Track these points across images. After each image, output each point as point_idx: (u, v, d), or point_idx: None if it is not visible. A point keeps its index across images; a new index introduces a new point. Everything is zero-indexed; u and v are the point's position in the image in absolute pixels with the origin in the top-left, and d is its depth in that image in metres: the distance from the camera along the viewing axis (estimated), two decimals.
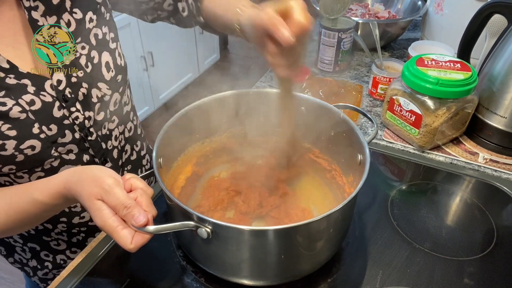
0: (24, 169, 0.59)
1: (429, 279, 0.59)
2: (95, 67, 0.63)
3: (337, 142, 0.66)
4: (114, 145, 0.72)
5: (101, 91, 0.65)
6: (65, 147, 0.62)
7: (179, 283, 0.59)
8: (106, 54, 0.65)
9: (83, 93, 0.62)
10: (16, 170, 0.59)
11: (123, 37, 2.37)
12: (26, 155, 0.57)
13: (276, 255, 0.52)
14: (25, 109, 0.56)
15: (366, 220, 0.69)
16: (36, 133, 0.57)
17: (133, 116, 0.78)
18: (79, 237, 0.73)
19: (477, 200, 0.73)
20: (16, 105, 0.55)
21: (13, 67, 0.55)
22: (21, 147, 0.56)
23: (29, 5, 0.56)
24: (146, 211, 0.47)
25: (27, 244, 0.74)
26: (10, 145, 0.55)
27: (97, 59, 0.64)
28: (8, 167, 0.58)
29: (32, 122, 0.57)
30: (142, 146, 0.83)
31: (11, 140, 0.55)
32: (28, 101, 0.56)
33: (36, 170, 0.61)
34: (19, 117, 0.55)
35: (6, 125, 0.55)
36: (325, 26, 1.04)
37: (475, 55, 0.91)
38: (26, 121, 0.56)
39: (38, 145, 0.58)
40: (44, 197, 0.52)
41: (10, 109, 0.54)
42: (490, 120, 0.81)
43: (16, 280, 1.74)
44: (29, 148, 0.57)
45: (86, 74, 0.62)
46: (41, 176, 0.62)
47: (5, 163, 0.57)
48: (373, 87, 0.98)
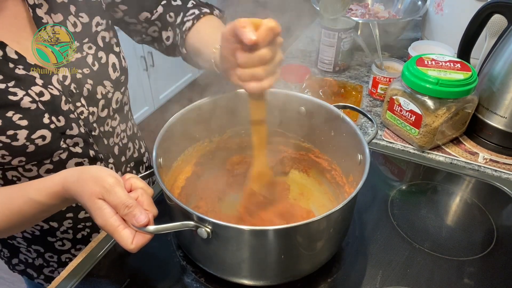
0: (33, 161, 0.60)
1: (429, 279, 0.59)
2: (102, 66, 0.65)
3: (337, 142, 0.66)
4: (115, 142, 0.73)
5: (105, 89, 0.66)
6: (72, 139, 0.63)
7: (179, 283, 0.59)
8: (112, 56, 0.67)
9: (87, 89, 0.63)
10: (25, 162, 0.59)
11: (123, 37, 2.35)
12: (37, 145, 0.58)
13: (276, 255, 0.52)
14: (35, 100, 0.57)
15: (366, 220, 0.69)
16: (46, 123, 0.58)
17: (130, 116, 0.80)
18: (84, 233, 0.74)
19: (477, 200, 0.73)
20: (26, 95, 0.56)
21: (21, 57, 0.56)
22: (32, 137, 0.57)
23: (33, 2, 0.57)
24: (147, 211, 0.47)
25: (31, 246, 0.74)
26: (22, 135, 0.56)
27: (105, 59, 0.66)
28: (18, 159, 0.58)
29: (42, 113, 0.57)
30: (141, 145, 0.84)
31: (23, 130, 0.56)
32: (37, 92, 0.57)
33: (45, 162, 0.61)
34: (29, 107, 0.56)
35: (17, 115, 0.55)
36: (325, 26, 1.04)
37: (475, 55, 0.91)
38: (37, 111, 0.57)
39: (49, 135, 0.58)
40: (41, 197, 0.52)
41: (21, 99, 0.55)
42: (490, 120, 0.81)
43: (16, 280, 1.74)
44: (40, 138, 0.57)
45: (92, 72, 0.64)
46: (50, 168, 0.62)
47: (16, 154, 0.57)
48: (373, 87, 0.98)
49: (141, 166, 0.83)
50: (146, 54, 2.26)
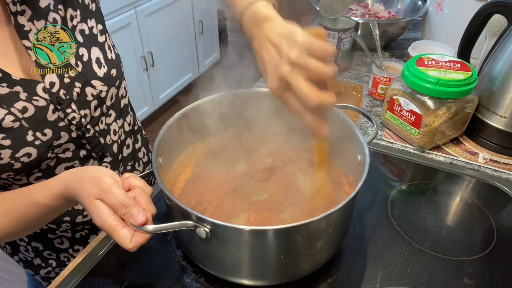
0: (22, 173, 0.59)
1: (429, 279, 0.59)
2: (85, 65, 0.62)
3: (337, 142, 0.66)
4: (113, 140, 0.71)
5: (95, 89, 0.63)
6: (61, 147, 0.62)
7: (179, 283, 0.59)
8: (95, 49, 0.63)
9: (77, 93, 0.61)
10: (14, 175, 0.59)
11: (123, 37, 2.34)
12: (22, 163, 0.57)
13: (276, 255, 0.52)
14: (18, 117, 0.55)
15: (366, 220, 0.69)
16: (30, 140, 0.56)
17: (130, 108, 0.78)
18: (83, 233, 0.73)
19: (477, 200, 0.73)
20: (8, 114, 0.54)
21: (5, 75, 0.54)
22: (17, 156, 0.56)
23: (15, 10, 0.55)
24: (145, 210, 0.47)
25: (31, 244, 0.74)
26: (6, 154, 0.55)
27: (87, 56, 0.62)
28: (6, 174, 0.57)
29: (26, 130, 0.56)
30: (137, 139, 0.83)
31: (6, 150, 0.55)
32: (20, 108, 0.55)
33: (34, 172, 0.61)
34: (12, 126, 0.55)
35: (0, 135, 0.54)
36: (325, 26, 1.04)
37: (475, 55, 0.91)
38: (20, 129, 0.55)
39: (34, 152, 0.57)
40: (44, 199, 0.52)
41: (3, 119, 0.54)
42: (490, 120, 0.81)
43: (16, 280, 1.74)
44: (25, 156, 0.57)
45: (77, 74, 0.61)
46: (39, 176, 0.62)
47: (3, 171, 0.57)
48: (373, 87, 0.98)
49: (137, 163, 0.82)
50: (146, 54, 2.26)
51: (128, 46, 2.12)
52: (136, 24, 2.13)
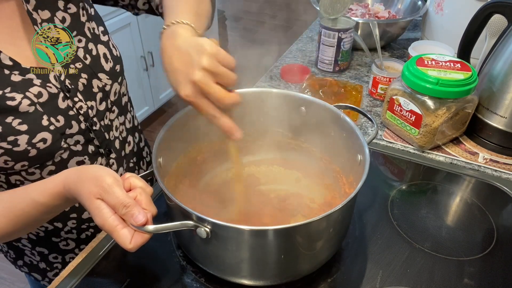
0: (36, 164, 0.60)
1: (429, 279, 0.59)
2: (94, 58, 0.64)
3: (337, 142, 0.66)
4: (115, 136, 0.72)
5: (101, 81, 0.65)
6: (72, 138, 0.62)
7: (179, 283, 0.59)
8: (101, 46, 0.66)
9: (83, 83, 0.63)
10: (28, 166, 0.59)
11: (123, 37, 2.34)
12: (38, 149, 0.57)
13: (276, 255, 0.52)
14: (33, 102, 0.56)
15: (366, 220, 0.69)
16: (45, 125, 0.58)
17: (130, 106, 0.79)
18: (88, 233, 0.74)
19: (477, 200, 0.73)
20: (24, 98, 0.55)
21: (16, 64, 0.56)
22: (33, 141, 0.57)
23: None
24: (146, 210, 0.47)
25: (35, 248, 0.74)
26: (23, 140, 0.56)
27: (95, 51, 0.65)
28: (21, 164, 0.58)
29: (41, 114, 0.57)
30: (141, 138, 0.84)
31: (23, 135, 0.56)
32: (35, 93, 0.57)
33: (47, 164, 0.61)
34: (28, 111, 0.56)
35: (16, 120, 0.55)
36: (325, 26, 1.04)
37: (475, 55, 0.91)
38: (35, 114, 0.57)
39: (49, 138, 0.58)
40: (44, 198, 0.52)
41: (20, 103, 0.55)
42: (490, 120, 0.81)
43: (16, 280, 1.74)
44: (41, 141, 0.57)
45: (85, 66, 0.63)
46: (52, 170, 0.62)
47: (18, 159, 0.57)
48: (373, 87, 0.98)
49: (142, 161, 0.83)
50: (146, 54, 2.26)
51: (128, 46, 2.11)
52: (136, 24, 2.12)
